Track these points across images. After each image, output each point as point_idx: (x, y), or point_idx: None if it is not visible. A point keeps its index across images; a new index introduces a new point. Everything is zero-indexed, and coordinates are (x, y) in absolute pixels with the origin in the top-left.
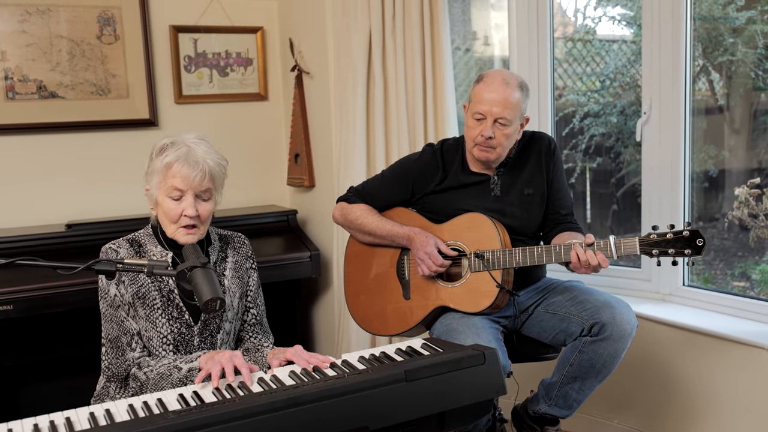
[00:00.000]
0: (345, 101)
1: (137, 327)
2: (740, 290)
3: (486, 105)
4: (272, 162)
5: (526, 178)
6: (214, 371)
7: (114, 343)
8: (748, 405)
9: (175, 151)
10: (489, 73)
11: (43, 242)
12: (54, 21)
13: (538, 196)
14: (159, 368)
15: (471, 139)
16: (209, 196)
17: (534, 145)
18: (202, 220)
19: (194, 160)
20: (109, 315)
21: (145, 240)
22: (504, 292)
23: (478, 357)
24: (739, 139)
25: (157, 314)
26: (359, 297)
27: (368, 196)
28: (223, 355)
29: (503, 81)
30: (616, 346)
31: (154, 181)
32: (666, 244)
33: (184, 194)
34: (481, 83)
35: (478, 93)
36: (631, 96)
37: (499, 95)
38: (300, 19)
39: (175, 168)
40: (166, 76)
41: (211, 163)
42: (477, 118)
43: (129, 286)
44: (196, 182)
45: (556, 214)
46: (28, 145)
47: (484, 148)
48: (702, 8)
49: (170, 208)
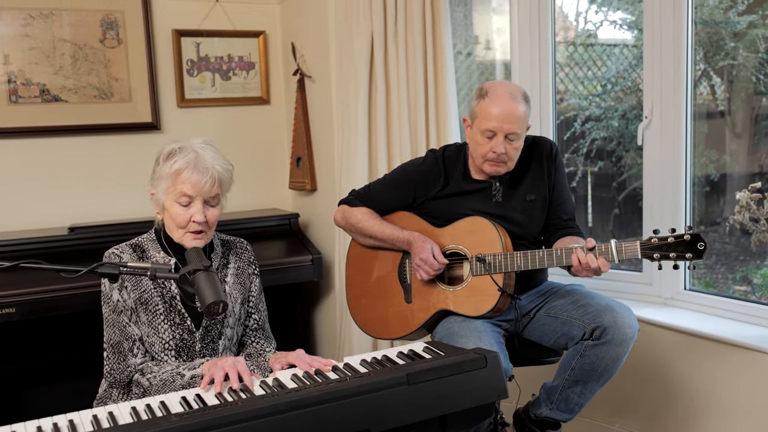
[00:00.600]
0: (347, 105)
1: (139, 332)
2: (741, 294)
3: (496, 122)
4: (274, 166)
5: (528, 184)
6: (218, 377)
7: (116, 349)
8: (749, 409)
9: (184, 157)
10: (493, 88)
11: (46, 245)
12: (57, 25)
13: (540, 201)
14: (162, 374)
15: (481, 156)
16: (217, 202)
17: (535, 151)
18: (209, 225)
19: (203, 167)
20: (112, 320)
21: (148, 245)
22: (505, 295)
23: (480, 360)
24: (741, 143)
25: (160, 320)
26: (361, 300)
27: (370, 199)
28: (226, 361)
29: (510, 95)
30: (617, 350)
31: (161, 186)
32: (667, 248)
33: (193, 200)
34: (486, 99)
35: (485, 109)
36: (633, 100)
37: (507, 111)
38: (302, 23)
39: (184, 174)
40: (169, 80)
41: (219, 169)
42: (487, 136)
43: (132, 292)
44: (205, 189)
45: (558, 219)
46: (31, 148)
47: (495, 164)
48: (703, 12)
49: (178, 213)
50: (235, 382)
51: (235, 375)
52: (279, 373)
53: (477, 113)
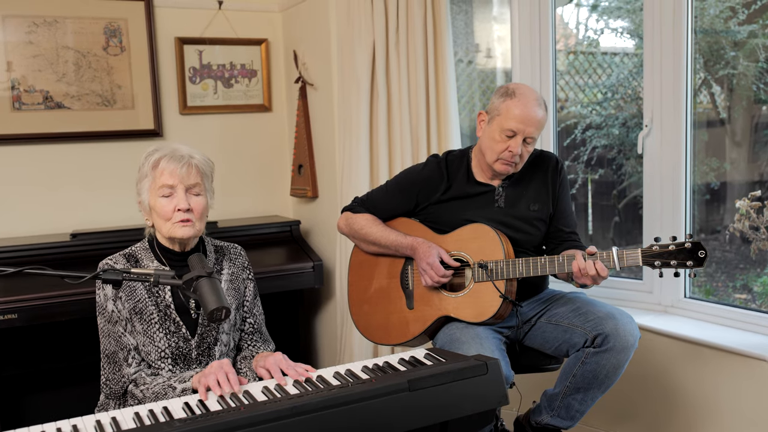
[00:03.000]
0: (348, 113)
1: (134, 342)
2: (741, 302)
3: (520, 123)
4: (276, 173)
5: (532, 194)
6: (212, 384)
7: (111, 359)
8: (749, 417)
9: (161, 151)
10: (520, 89)
11: (48, 251)
12: (61, 32)
13: (544, 213)
14: (154, 387)
15: (495, 153)
16: (199, 192)
17: (541, 164)
18: (196, 215)
19: (179, 155)
20: (107, 330)
21: (142, 254)
22: (507, 302)
23: (481, 367)
24: (741, 151)
25: (155, 329)
26: (363, 306)
27: (372, 206)
28: (212, 366)
29: (536, 100)
30: (619, 357)
31: (144, 186)
32: (668, 255)
33: (174, 189)
34: (514, 99)
35: (510, 109)
36: (633, 108)
37: (532, 114)
38: (304, 31)
39: (161, 164)
40: (171, 87)
41: (197, 158)
42: (507, 135)
43: (126, 302)
44: (183, 174)
45: (560, 232)
46: (34, 155)
47: (508, 163)
48: (704, 22)
49: (163, 205)
50: (226, 385)
51: (224, 378)
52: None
53: (501, 111)
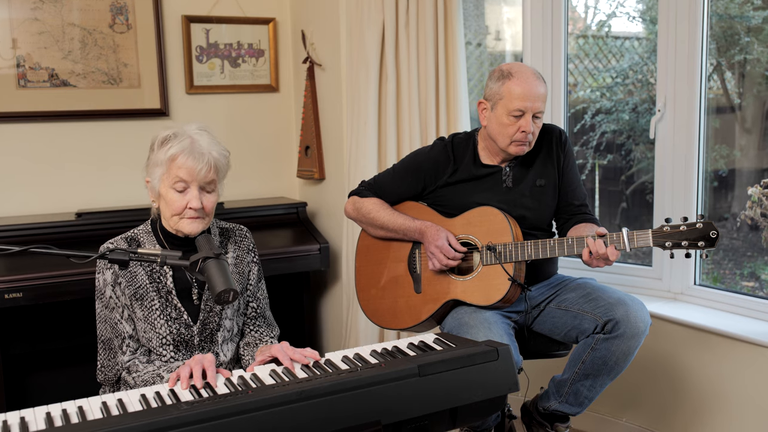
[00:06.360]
0: (357, 94)
1: (130, 330)
2: (749, 290)
3: (526, 101)
4: (282, 154)
5: (538, 169)
6: (183, 373)
7: (107, 345)
8: (757, 404)
9: (179, 143)
10: (515, 68)
11: (54, 230)
12: (66, 9)
13: (551, 186)
14: (144, 375)
15: (508, 137)
16: (213, 188)
17: (545, 137)
18: (206, 212)
19: (199, 152)
20: (104, 316)
21: (144, 238)
22: (516, 285)
23: (492, 353)
24: (751, 138)
25: (156, 315)
26: (370, 291)
27: (380, 189)
28: (193, 358)
29: (534, 75)
30: (629, 344)
31: (157, 173)
32: (679, 236)
33: (188, 186)
34: (513, 79)
35: (512, 90)
36: (644, 93)
37: (534, 89)
38: (313, 11)
39: (179, 160)
40: (178, 66)
41: (215, 155)
42: (515, 115)
43: (126, 288)
44: (201, 175)
45: (570, 206)
46: (39, 133)
47: (522, 144)
48: (719, 6)
49: (174, 200)
50: (198, 380)
51: (200, 372)
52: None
53: (502, 94)
